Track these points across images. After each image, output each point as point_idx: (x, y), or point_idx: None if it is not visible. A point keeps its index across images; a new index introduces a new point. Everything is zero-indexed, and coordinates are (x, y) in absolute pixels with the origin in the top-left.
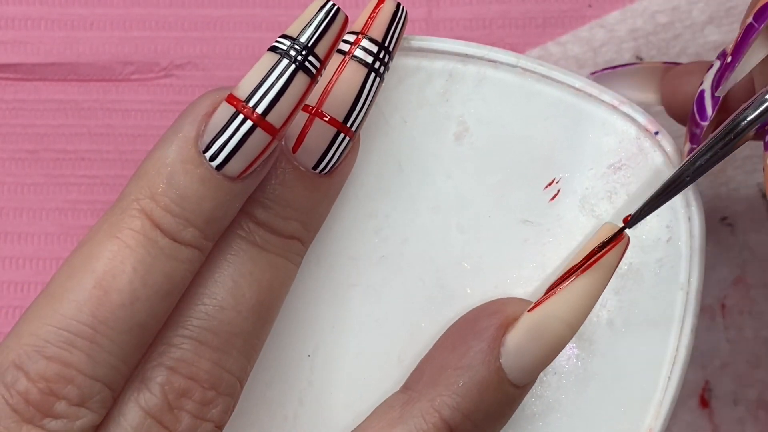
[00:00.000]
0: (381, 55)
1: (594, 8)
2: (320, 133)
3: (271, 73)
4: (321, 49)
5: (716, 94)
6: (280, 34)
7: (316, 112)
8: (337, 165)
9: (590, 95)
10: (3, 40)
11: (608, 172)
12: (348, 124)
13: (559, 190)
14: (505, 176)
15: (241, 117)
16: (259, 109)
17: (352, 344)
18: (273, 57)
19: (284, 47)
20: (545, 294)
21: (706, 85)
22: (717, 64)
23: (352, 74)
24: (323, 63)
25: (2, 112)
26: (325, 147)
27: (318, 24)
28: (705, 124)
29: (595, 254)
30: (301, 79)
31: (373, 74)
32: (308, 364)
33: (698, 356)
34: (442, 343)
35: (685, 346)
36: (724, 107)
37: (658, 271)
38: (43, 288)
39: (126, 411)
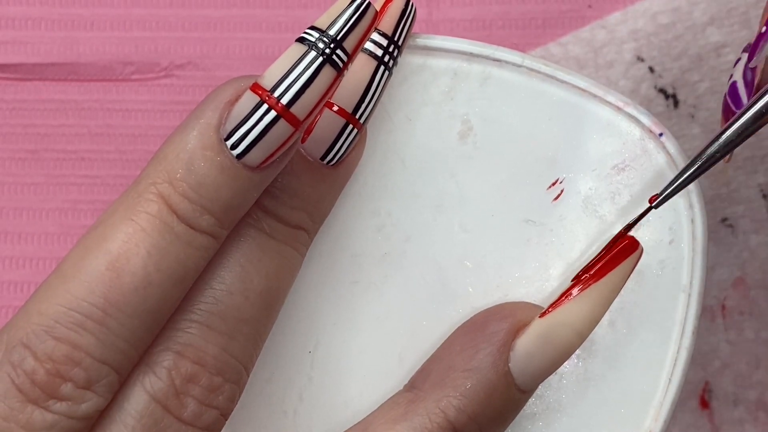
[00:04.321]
0: (390, 49)
1: (594, 9)
2: (329, 123)
3: (298, 64)
4: (349, 44)
5: (750, 66)
6: (308, 26)
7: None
8: (344, 157)
9: (595, 96)
10: (3, 40)
11: (612, 173)
12: (357, 116)
13: (562, 191)
14: (509, 176)
15: (265, 107)
16: (284, 100)
17: (353, 341)
18: (300, 48)
19: (312, 39)
20: (557, 300)
21: (737, 77)
22: (744, 57)
23: (362, 66)
24: (351, 57)
25: (2, 112)
26: (334, 137)
27: (348, 18)
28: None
29: (607, 262)
30: (328, 72)
31: (382, 67)
32: (309, 360)
33: (698, 357)
34: (450, 343)
35: (686, 347)
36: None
37: (660, 272)
38: (56, 267)
39: (131, 395)
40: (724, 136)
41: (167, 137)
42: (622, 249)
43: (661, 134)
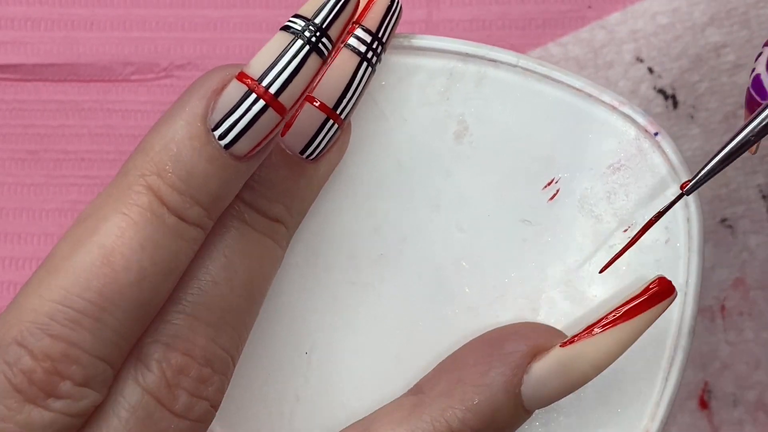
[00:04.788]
0: (374, 46)
1: (594, 9)
2: (309, 118)
3: (285, 53)
4: (334, 31)
5: None
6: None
7: (306, 97)
8: (324, 152)
9: (590, 95)
10: (3, 40)
11: (607, 173)
12: (338, 111)
13: (558, 190)
14: (505, 176)
15: (253, 96)
16: (273, 89)
17: (350, 342)
18: (287, 37)
19: (299, 27)
20: (582, 332)
21: (761, 69)
22: (766, 51)
23: (345, 62)
24: (335, 45)
25: (2, 112)
26: (314, 132)
27: (332, 6)
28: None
29: (641, 304)
30: (314, 60)
31: (365, 64)
32: (305, 361)
33: (698, 357)
34: (464, 354)
35: (682, 347)
36: None
37: (656, 272)
38: (43, 261)
39: (124, 388)
40: (756, 120)
41: (151, 127)
42: (657, 293)
43: (656, 133)
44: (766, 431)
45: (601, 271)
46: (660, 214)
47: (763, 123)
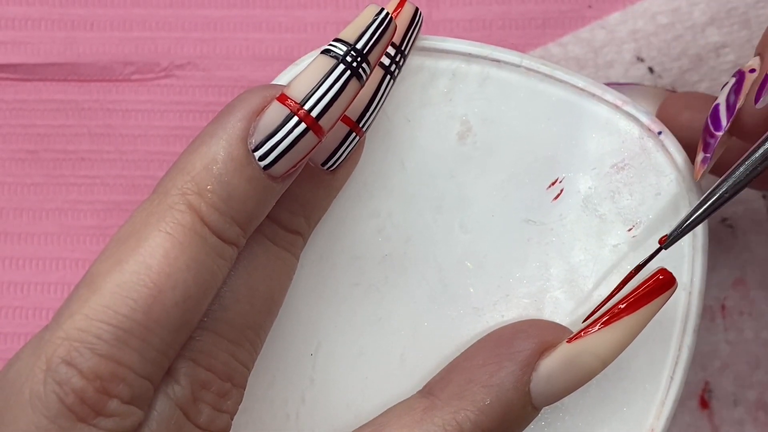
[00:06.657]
0: (397, 59)
1: (594, 9)
2: (334, 131)
3: (327, 77)
4: (374, 57)
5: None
6: (334, 37)
7: None
8: (342, 162)
9: (593, 95)
10: (3, 40)
11: (611, 172)
12: (360, 124)
13: (562, 190)
14: (508, 176)
15: (295, 119)
16: (314, 113)
17: (355, 343)
18: (329, 61)
19: (341, 52)
20: (586, 327)
21: (721, 100)
22: (732, 81)
23: (370, 76)
24: (372, 69)
25: (2, 112)
26: (337, 145)
27: (374, 31)
28: (719, 134)
29: (643, 296)
30: (354, 85)
31: (388, 76)
32: (310, 362)
33: (698, 357)
34: (473, 355)
35: (687, 346)
36: (736, 118)
37: None
38: (83, 278)
39: (156, 402)
40: (733, 176)
41: (189, 145)
42: (659, 284)
43: (659, 132)
44: (767, 431)
45: (584, 320)
46: (639, 267)
47: (747, 173)
